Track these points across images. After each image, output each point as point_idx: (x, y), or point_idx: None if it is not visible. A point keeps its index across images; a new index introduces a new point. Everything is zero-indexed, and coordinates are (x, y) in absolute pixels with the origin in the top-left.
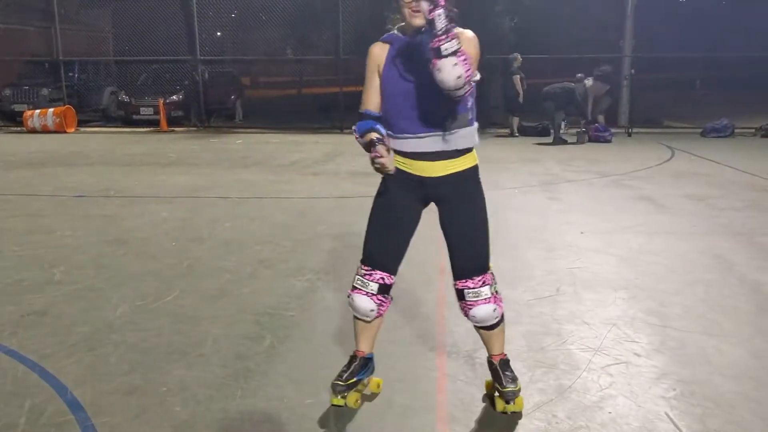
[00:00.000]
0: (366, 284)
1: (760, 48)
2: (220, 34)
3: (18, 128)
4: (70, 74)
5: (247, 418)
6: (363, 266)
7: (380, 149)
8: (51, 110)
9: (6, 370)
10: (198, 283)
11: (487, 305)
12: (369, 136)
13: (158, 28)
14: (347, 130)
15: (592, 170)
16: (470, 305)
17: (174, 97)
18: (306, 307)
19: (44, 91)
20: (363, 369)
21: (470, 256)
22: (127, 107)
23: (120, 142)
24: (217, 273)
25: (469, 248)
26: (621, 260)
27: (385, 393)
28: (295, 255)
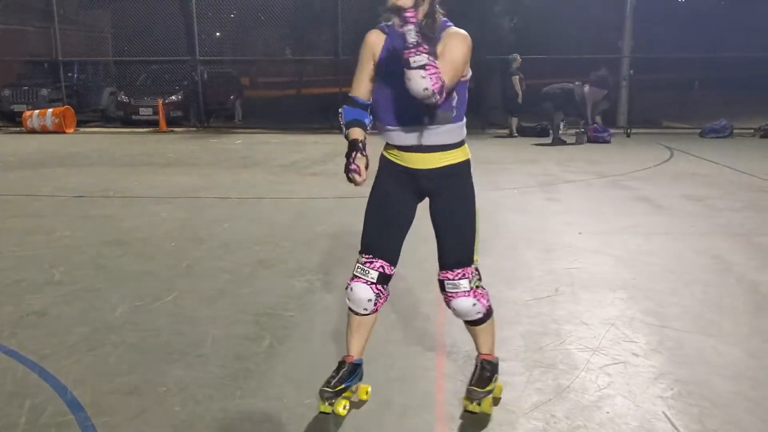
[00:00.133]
0: (366, 272)
1: (759, 48)
2: (220, 35)
3: (17, 128)
4: (70, 74)
5: (247, 418)
6: (363, 255)
7: (360, 166)
8: (50, 110)
9: (6, 371)
10: (197, 284)
11: (466, 299)
12: (353, 136)
13: (157, 29)
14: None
15: (591, 171)
16: (450, 297)
17: (173, 98)
18: (305, 308)
19: (43, 92)
20: (351, 375)
21: (452, 249)
22: (127, 107)
23: (119, 143)
24: (217, 273)
25: (452, 241)
26: (619, 260)
27: (385, 392)
28: (295, 255)
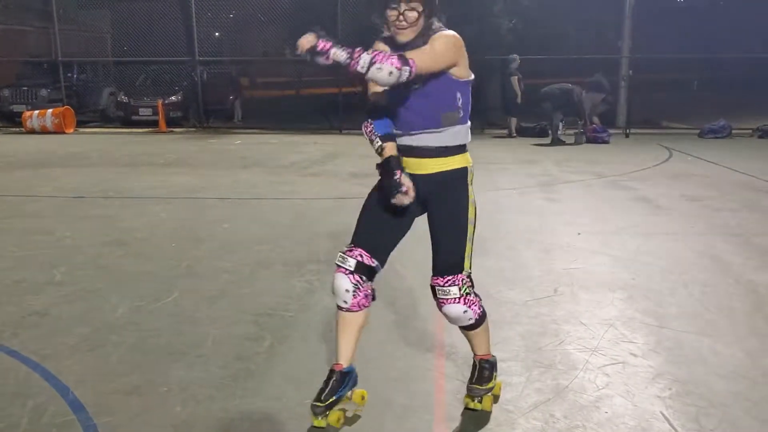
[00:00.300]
0: (345, 260)
1: (758, 49)
2: (219, 35)
3: (17, 129)
4: (69, 75)
5: (247, 418)
6: (346, 246)
7: (408, 185)
8: (50, 111)
9: (8, 371)
10: (197, 284)
11: (457, 305)
12: (389, 151)
13: (157, 29)
14: (346, 131)
15: (590, 171)
16: (441, 303)
17: (173, 98)
18: (305, 308)
19: (43, 92)
20: (342, 385)
21: (443, 256)
22: (126, 108)
23: (119, 143)
24: (217, 274)
25: (444, 247)
26: (618, 261)
27: (384, 392)
28: (295, 255)
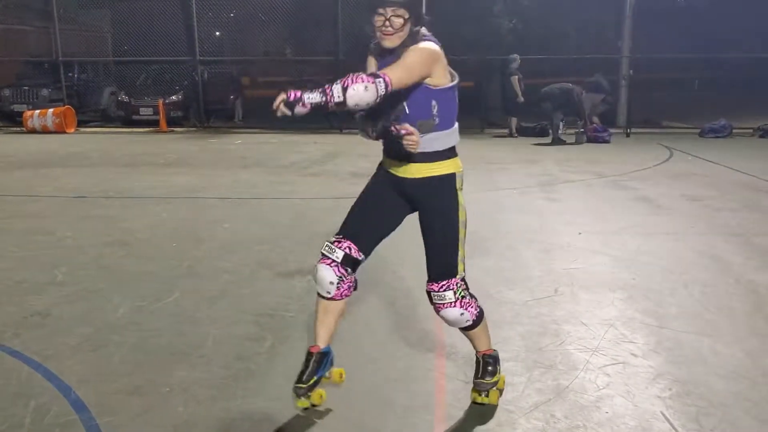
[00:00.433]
0: (333, 251)
1: (759, 49)
2: (219, 34)
3: (18, 128)
4: (70, 74)
5: (248, 418)
6: (335, 236)
7: (406, 129)
8: (51, 110)
9: (10, 371)
10: (198, 284)
11: (453, 309)
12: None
13: (157, 29)
14: (347, 131)
15: (591, 171)
16: (437, 307)
17: (173, 98)
18: (306, 308)
19: (44, 92)
20: (321, 365)
21: (437, 262)
22: (127, 107)
23: (120, 143)
24: (217, 274)
25: (437, 254)
26: (618, 261)
27: (385, 393)
28: (295, 255)
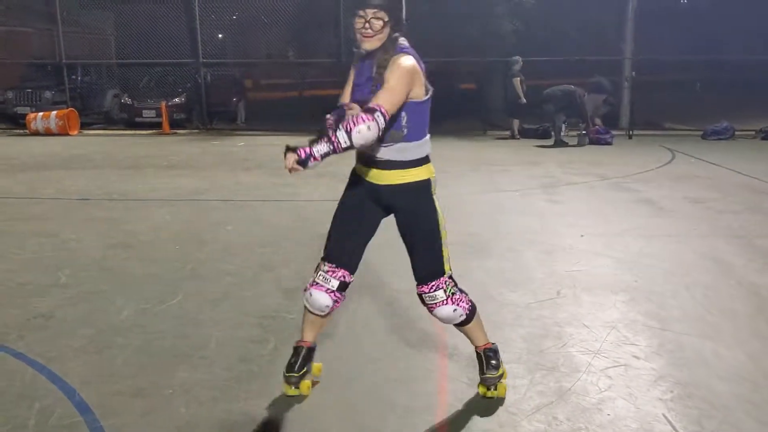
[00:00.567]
0: (328, 281)
1: (761, 51)
2: (222, 37)
3: (21, 131)
4: (73, 77)
5: (251, 420)
6: (327, 263)
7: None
8: (54, 113)
9: (14, 373)
10: (201, 286)
11: (446, 306)
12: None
13: (160, 31)
14: None
15: (593, 173)
16: (430, 308)
17: (176, 100)
18: None
19: (47, 94)
20: (310, 359)
21: (421, 264)
22: (130, 110)
23: (123, 145)
24: (220, 276)
25: (422, 258)
26: (621, 263)
27: (387, 393)
28: (297, 258)
